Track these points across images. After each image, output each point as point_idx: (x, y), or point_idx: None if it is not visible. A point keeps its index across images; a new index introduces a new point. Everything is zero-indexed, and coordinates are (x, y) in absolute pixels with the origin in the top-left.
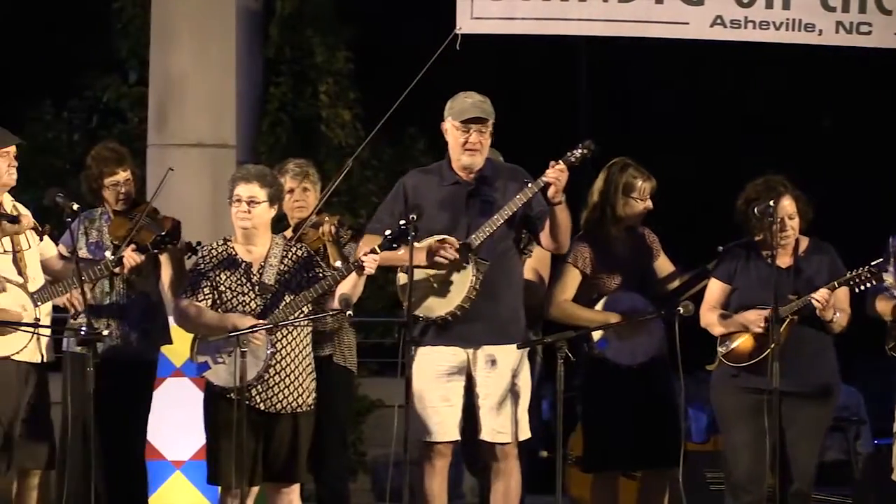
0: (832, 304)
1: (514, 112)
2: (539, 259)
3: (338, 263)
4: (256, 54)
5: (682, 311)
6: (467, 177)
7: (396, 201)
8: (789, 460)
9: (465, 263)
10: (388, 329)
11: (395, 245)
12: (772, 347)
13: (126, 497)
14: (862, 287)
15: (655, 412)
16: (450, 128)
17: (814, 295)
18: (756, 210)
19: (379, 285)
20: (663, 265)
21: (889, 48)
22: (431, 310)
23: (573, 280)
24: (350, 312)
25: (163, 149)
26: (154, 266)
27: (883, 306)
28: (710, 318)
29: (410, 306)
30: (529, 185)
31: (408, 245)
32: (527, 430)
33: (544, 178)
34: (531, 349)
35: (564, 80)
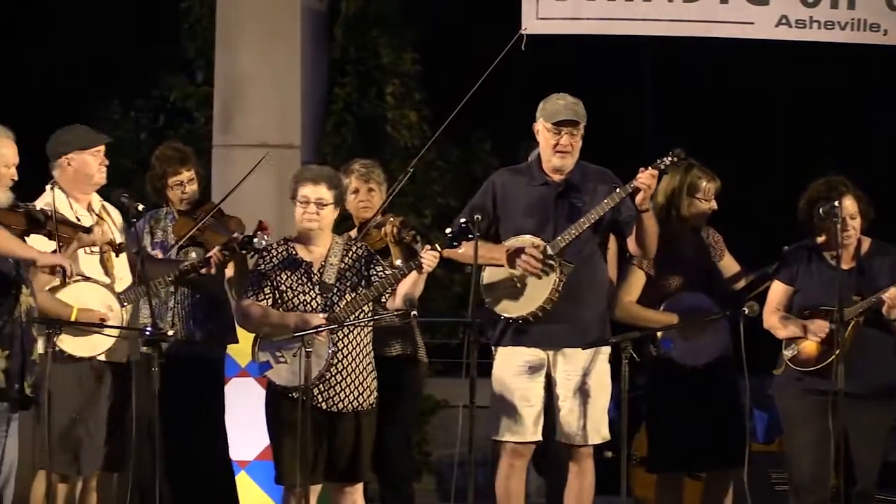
0: None
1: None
2: (608, 260)
3: (398, 262)
4: (321, 55)
5: (747, 311)
6: (557, 178)
7: (484, 199)
8: (853, 461)
9: (546, 265)
10: (454, 329)
11: (455, 243)
12: (837, 352)
13: (212, 495)
14: None
15: (720, 412)
16: (541, 129)
17: (884, 293)
18: (820, 210)
19: (444, 286)
20: (729, 265)
21: None
22: (512, 309)
23: (638, 281)
24: (415, 312)
25: (228, 149)
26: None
27: None
28: (772, 321)
29: (482, 307)
30: (618, 189)
31: (469, 242)
32: (606, 431)
33: (634, 184)
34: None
35: (629, 80)
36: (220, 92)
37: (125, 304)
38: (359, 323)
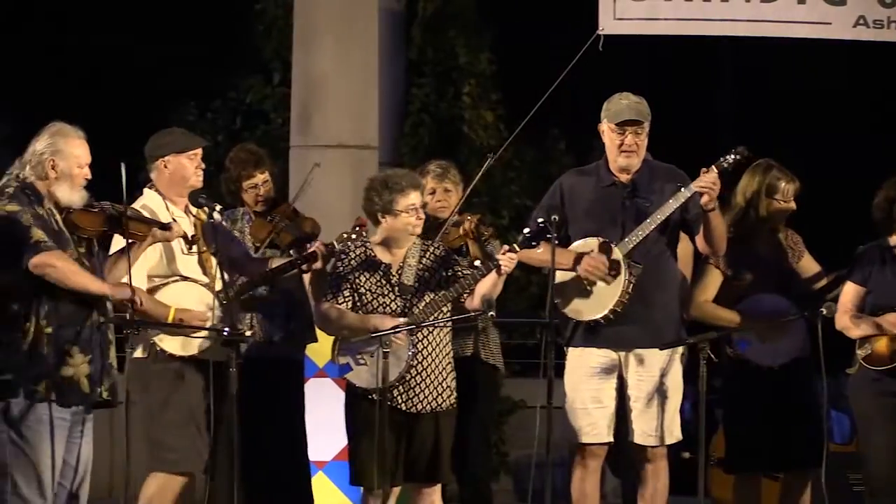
0: None
1: (656, 112)
2: (681, 260)
3: (477, 262)
4: (399, 55)
5: (825, 312)
6: (624, 178)
7: (552, 201)
8: None
9: (611, 271)
10: (531, 330)
11: (533, 243)
12: None
13: (289, 497)
14: None
15: (797, 413)
16: (606, 129)
17: None
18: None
19: (521, 286)
20: (808, 265)
21: None
22: (582, 312)
23: (714, 281)
24: (492, 312)
25: (305, 150)
26: None
27: None
28: (844, 322)
29: (552, 308)
30: (682, 189)
31: (547, 243)
32: (678, 432)
33: (696, 185)
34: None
35: (706, 80)
36: (298, 93)
37: (224, 303)
38: (437, 323)
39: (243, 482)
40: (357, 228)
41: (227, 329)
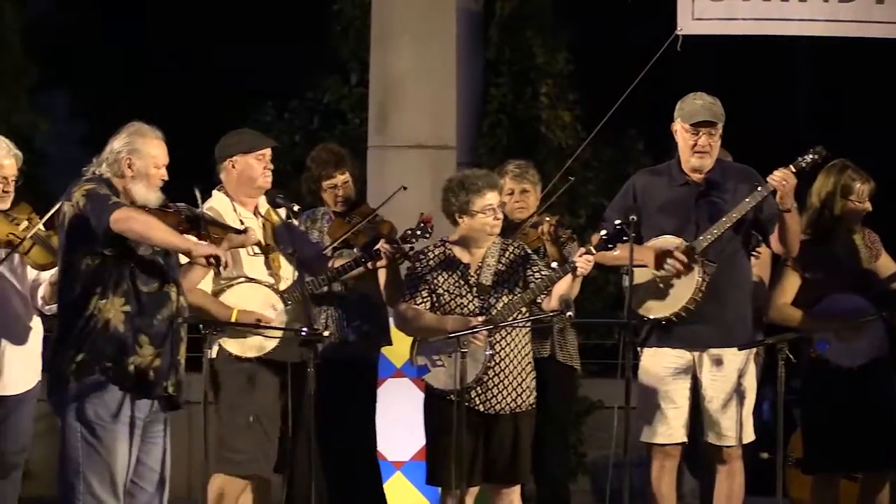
0: None
1: (734, 112)
2: (760, 262)
3: (554, 264)
4: (476, 55)
5: None
6: (697, 178)
7: (625, 201)
8: None
9: (692, 266)
10: (609, 330)
11: (610, 246)
12: None
13: (361, 495)
14: None
15: (876, 413)
16: (679, 129)
17: None
18: None
19: (599, 286)
20: (886, 265)
21: None
22: (655, 310)
23: (792, 282)
24: (571, 313)
25: (383, 150)
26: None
27: None
28: None
29: (631, 308)
30: (759, 188)
31: (625, 244)
32: (751, 432)
33: (771, 181)
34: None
35: (783, 80)
36: (376, 93)
37: (290, 304)
38: (514, 324)
39: (320, 483)
40: (422, 225)
41: (305, 329)
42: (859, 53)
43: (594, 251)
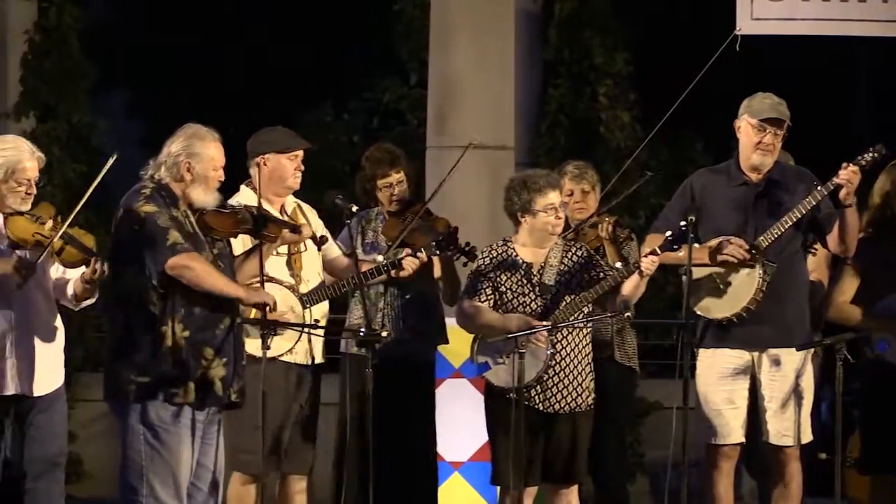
0: None
1: (793, 111)
2: (818, 260)
3: (618, 264)
4: (535, 56)
5: None
6: (756, 177)
7: (683, 200)
8: None
9: (753, 265)
10: (667, 330)
11: (675, 246)
12: None
13: (417, 496)
14: None
15: None
16: (744, 126)
17: None
18: None
19: (659, 286)
20: None
21: None
22: (715, 310)
23: (851, 281)
24: (629, 314)
25: (441, 150)
26: (429, 266)
27: None
28: None
29: (689, 308)
30: (819, 187)
31: (688, 245)
32: (809, 432)
33: (836, 180)
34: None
35: (842, 81)
36: (434, 93)
37: (308, 306)
38: (574, 324)
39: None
40: (448, 236)
41: (364, 329)
42: None
43: (659, 252)
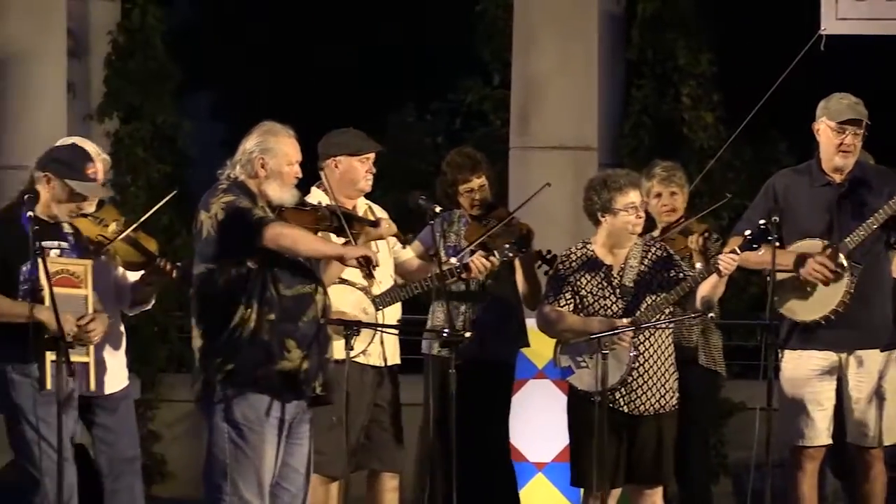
0: None
1: (876, 113)
2: None
3: (698, 265)
4: (618, 57)
5: None
6: (838, 178)
7: (766, 201)
8: None
9: (839, 272)
10: (751, 331)
11: (755, 246)
12: None
13: (497, 496)
14: None
15: None
16: (823, 128)
17: None
18: None
19: (740, 287)
20: None
21: None
22: (801, 312)
23: None
24: (713, 314)
25: (524, 151)
26: (510, 270)
27: None
28: None
29: (773, 309)
30: None
31: (769, 245)
32: (893, 433)
33: None
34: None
35: None
36: (517, 94)
37: (380, 308)
38: (656, 324)
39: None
40: (521, 240)
41: (447, 330)
42: None
43: (739, 251)
